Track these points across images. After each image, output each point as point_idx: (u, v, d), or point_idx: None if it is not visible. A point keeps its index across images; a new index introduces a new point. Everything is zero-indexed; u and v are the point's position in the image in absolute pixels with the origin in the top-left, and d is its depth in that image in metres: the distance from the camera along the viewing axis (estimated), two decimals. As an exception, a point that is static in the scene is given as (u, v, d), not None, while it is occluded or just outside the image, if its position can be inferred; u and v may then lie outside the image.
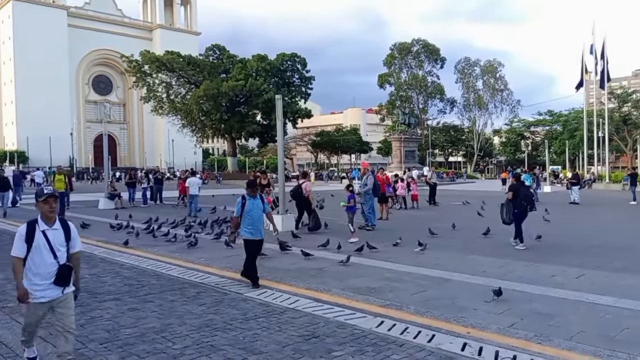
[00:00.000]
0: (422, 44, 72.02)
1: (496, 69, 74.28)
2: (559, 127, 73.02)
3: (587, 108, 47.04)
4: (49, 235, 3.89)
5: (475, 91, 75.25)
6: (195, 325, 5.43)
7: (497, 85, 74.56)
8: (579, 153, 57.76)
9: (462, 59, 75.90)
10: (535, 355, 4.56)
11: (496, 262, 8.88)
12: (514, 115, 77.89)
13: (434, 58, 72.59)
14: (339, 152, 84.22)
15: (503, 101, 75.31)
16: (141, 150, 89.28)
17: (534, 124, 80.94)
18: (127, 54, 58.93)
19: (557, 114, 75.12)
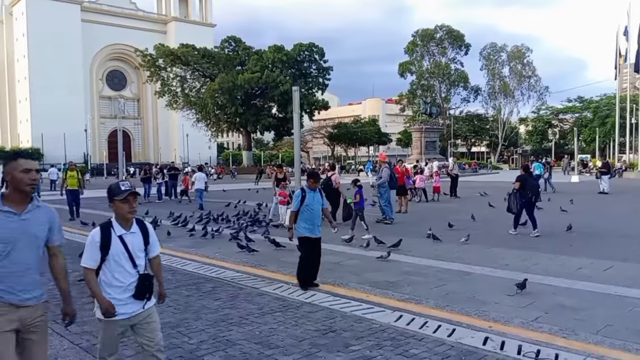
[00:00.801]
0: (445, 30, 70.00)
1: (524, 55, 71.59)
2: (589, 114, 70.91)
3: (620, 93, 45.72)
4: (127, 241, 3.34)
5: (501, 78, 72.64)
6: (211, 320, 5.37)
7: (524, 72, 71.83)
8: (609, 141, 56.35)
9: (487, 44, 73.17)
10: (560, 350, 4.40)
11: (519, 255, 8.66)
12: (541, 102, 74.99)
13: (458, 44, 70.32)
14: (356, 144, 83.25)
15: (530, 88, 72.57)
16: (156, 146, 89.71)
17: (563, 112, 78.37)
18: (141, 48, 58.98)
19: (587, 101, 72.79)
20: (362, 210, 11.28)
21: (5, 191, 2.90)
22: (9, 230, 2.83)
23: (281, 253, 9.17)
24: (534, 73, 71.96)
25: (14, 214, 2.86)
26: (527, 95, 72.88)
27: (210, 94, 53.16)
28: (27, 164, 2.89)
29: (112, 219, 3.38)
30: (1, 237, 2.82)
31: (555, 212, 14.66)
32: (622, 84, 46.52)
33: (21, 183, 2.87)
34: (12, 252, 2.87)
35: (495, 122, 76.24)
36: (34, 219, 2.95)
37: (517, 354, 4.36)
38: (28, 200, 2.94)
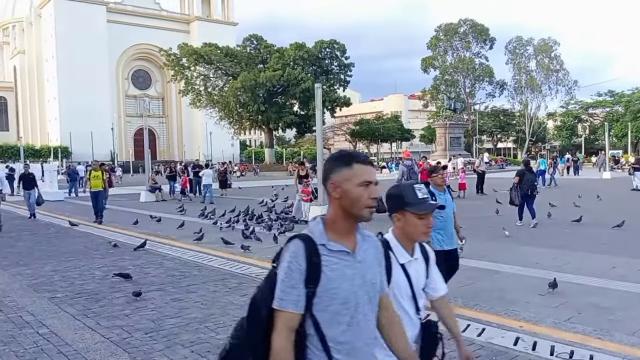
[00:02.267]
0: (469, 24, 68.87)
1: (551, 48, 69.90)
2: (621, 109, 68.94)
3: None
4: (411, 273, 2.31)
5: (528, 72, 71.13)
6: (238, 316, 5.29)
7: (552, 66, 70.14)
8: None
9: (513, 38, 71.64)
10: (594, 351, 4.28)
11: (550, 253, 8.48)
12: (570, 97, 73.06)
13: (482, 38, 69.14)
14: (378, 140, 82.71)
15: (558, 82, 70.87)
16: (180, 144, 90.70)
17: (593, 106, 76.13)
18: (165, 48, 59.72)
19: (618, 94, 70.72)
20: None
21: (326, 214, 1.84)
22: (349, 283, 1.74)
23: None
24: (561, 67, 70.22)
25: (347, 255, 1.76)
26: (555, 89, 71.23)
27: (232, 92, 53.52)
28: (365, 172, 1.78)
29: (391, 236, 2.34)
30: (341, 294, 1.72)
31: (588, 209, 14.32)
32: (655, 77, 45.01)
33: (358, 204, 1.75)
34: (356, 318, 1.76)
35: (522, 117, 74.70)
36: (368, 258, 1.82)
37: (550, 354, 4.25)
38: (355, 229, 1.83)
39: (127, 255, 9.03)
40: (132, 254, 9.05)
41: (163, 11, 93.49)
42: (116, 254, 9.12)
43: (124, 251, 9.42)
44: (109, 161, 58.44)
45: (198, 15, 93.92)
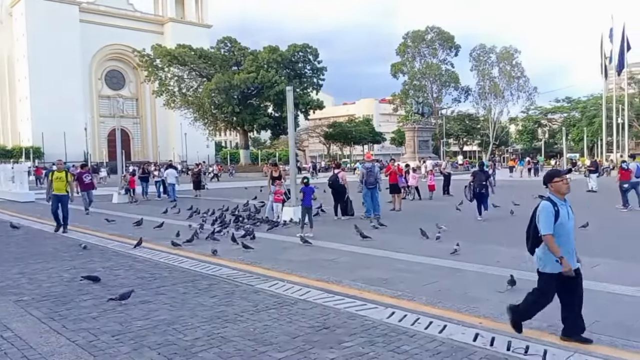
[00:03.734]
0: (436, 31, 70.82)
1: (512, 56, 72.43)
2: (577, 114, 71.61)
3: (607, 94, 46.14)
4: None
5: (491, 79, 73.60)
6: (207, 317, 5.45)
7: (513, 73, 72.71)
8: (597, 140, 56.75)
9: (477, 46, 74.11)
10: (548, 346, 4.49)
11: (510, 252, 8.75)
12: (530, 102, 75.91)
13: (448, 46, 71.28)
14: (351, 143, 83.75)
15: (519, 88, 73.39)
16: (154, 144, 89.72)
17: (551, 111, 79.31)
18: (138, 49, 59.13)
19: (575, 101, 73.55)
20: (307, 208, 11.24)
21: None
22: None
23: (277, 250, 9.25)
24: (522, 74, 72.82)
25: None
26: (517, 95, 73.83)
27: (207, 93, 53.39)
28: None
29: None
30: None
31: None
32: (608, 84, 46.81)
33: None
34: None
35: (486, 121, 76.98)
36: None
37: (506, 350, 4.44)
38: None
39: (97, 257, 8.97)
40: (102, 256, 9.00)
41: (137, 12, 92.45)
42: (86, 256, 9.04)
43: (94, 253, 9.34)
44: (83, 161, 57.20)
45: (172, 16, 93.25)
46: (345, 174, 15.03)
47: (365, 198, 14.23)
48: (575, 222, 5.04)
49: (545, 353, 4.34)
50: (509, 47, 72.55)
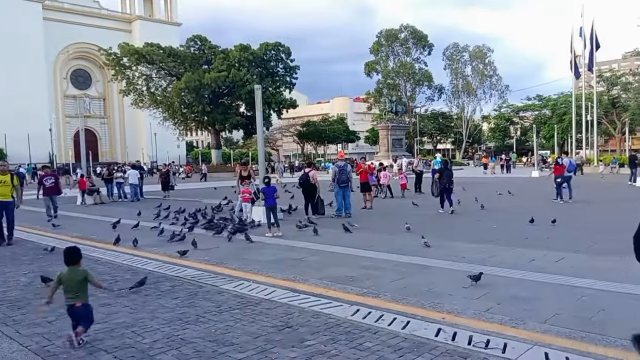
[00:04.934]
0: (409, 30, 71.36)
1: (485, 55, 73.83)
2: (548, 112, 73.25)
3: (576, 92, 47.34)
4: None
5: (464, 77, 74.80)
6: (167, 319, 5.32)
7: (486, 71, 74.11)
8: (567, 137, 58.16)
9: (450, 45, 75.24)
10: (508, 339, 4.52)
11: (477, 248, 8.87)
12: (502, 100, 77.61)
13: (421, 45, 71.90)
14: (325, 142, 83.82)
15: (492, 87, 75.01)
16: (123, 145, 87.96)
17: (523, 109, 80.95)
18: (105, 47, 57.91)
19: (546, 99, 75.24)
20: (271, 208, 11.18)
21: None
22: None
23: (243, 251, 9.14)
24: (495, 72, 74.44)
25: None
26: (489, 93, 75.63)
27: (176, 92, 52.69)
28: None
29: None
30: None
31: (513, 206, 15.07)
32: (578, 82, 48.09)
33: None
34: None
35: (459, 119, 78.23)
36: None
37: (467, 344, 4.45)
38: None
39: (57, 260, 8.66)
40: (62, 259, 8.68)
41: (103, 10, 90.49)
42: (45, 260, 8.76)
43: (53, 257, 9.03)
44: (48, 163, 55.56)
45: (140, 14, 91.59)
46: (317, 172, 14.98)
47: (336, 197, 14.25)
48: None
49: (505, 346, 4.37)
50: (481, 46, 74.09)
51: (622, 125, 56.06)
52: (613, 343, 4.38)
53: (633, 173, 24.82)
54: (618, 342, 4.38)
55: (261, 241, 10.13)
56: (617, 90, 57.67)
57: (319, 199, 14.13)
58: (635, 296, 5.76)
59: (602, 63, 53.21)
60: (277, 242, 10.00)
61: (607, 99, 56.29)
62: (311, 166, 15.73)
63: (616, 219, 12.69)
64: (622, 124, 56.28)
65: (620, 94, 57.08)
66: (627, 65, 79.32)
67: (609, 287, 6.13)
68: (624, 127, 55.01)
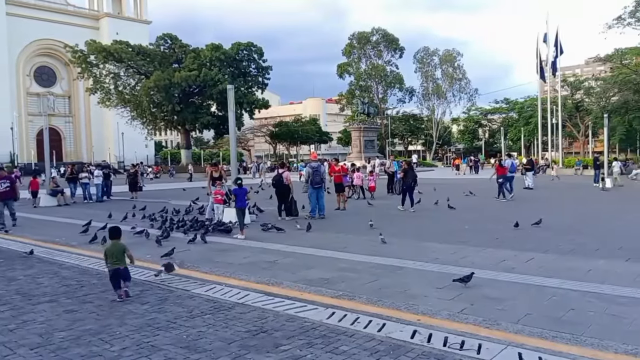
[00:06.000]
0: (381, 33, 72.17)
1: (455, 58, 75.26)
2: (515, 115, 75.09)
3: (541, 96, 48.56)
4: None
5: (434, 80, 76.09)
6: (136, 325, 5.15)
7: (455, 75, 75.56)
8: (533, 139, 59.58)
9: (421, 48, 76.43)
10: (483, 340, 4.55)
11: (449, 249, 8.94)
12: (471, 103, 79.34)
13: (393, 47, 72.85)
14: (298, 142, 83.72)
15: (461, 90, 76.53)
16: (89, 145, 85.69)
17: (491, 112, 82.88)
18: (71, 44, 56.44)
19: (513, 102, 77.12)
20: (240, 209, 11.09)
21: None
22: None
23: (214, 253, 8.98)
24: (464, 76, 75.99)
25: None
26: (458, 96, 77.23)
27: (145, 91, 51.79)
28: None
29: None
30: None
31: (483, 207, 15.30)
32: (543, 86, 49.38)
33: None
34: None
35: (430, 121, 79.45)
36: None
37: (443, 345, 4.46)
38: None
39: (19, 264, 8.36)
40: (24, 263, 8.40)
41: (70, 6, 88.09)
42: (6, 264, 8.40)
43: (15, 261, 8.70)
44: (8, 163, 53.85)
45: (108, 11, 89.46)
46: (290, 173, 14.86)
47: (310, 198, 14.16)
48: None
49: (479, 347, 4.39)
50: (451, 50, 75.56)
51: (586, 128, 57.78)
52: (584, 342, 4.46)
53: (596, 174, 25.56)
54: (588, 342, 4.46)
55: (233, 243, 9.99)
56: (581, 94, 59.39)
57: (292, 200, 14.03)
58: (600, 295, 5.89)
59: (566, 68, 54.72)
60: (249, 244, 9.87)
61: (571, 103, 57.92)
62: (284, 167, 15.58)
63: (580, 218, 13.03)
64: (585, 127, 57.99)
65: (584, 98, 58.78)
66: (589, 70, 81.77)
67: (577, 286, 6.25)
68: (587, 130, 56.70)
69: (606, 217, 13.61)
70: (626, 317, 5.12)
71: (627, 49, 45.69)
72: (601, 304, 5.54)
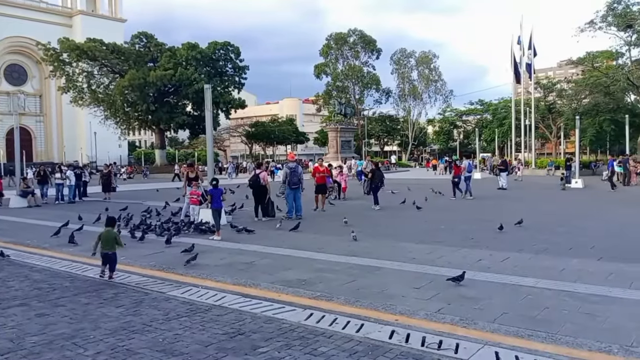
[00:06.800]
0: (358, 34, 72.57)
1: (431, 60, 76.12)
2: (489, 116, 76.25)
3: (515, 97, 49.46)
4: None
5: (410, 82, 76.88)
6: (111, 329, 5.04)
7: (431, 76, 76.45)
8: (507, 141, 60.54)
9: (397, 50, 77.12)
10: (460, 339, 4.58)
11: (426, 248, 9.01)
12: (447, 105, 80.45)
13: (370, 49, 73.29)
14: (274, 143, 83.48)
15: (437, 91, 77.46)
16: (60, 144, 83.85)
17: (466, 113, 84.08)
18: (43, 42, 55.10)
19: (487, 103, 78.32)
20: (217, 210, 11.03)
21: None
22: None
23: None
24: (440, 77, 76.96)
25: None
26: (434, 98, 78.16)
27: (119, 90, 50.91)
28: None
29: None
30: None
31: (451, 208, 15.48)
32: (517, 88, 50.29)
33: None
34: None
35: (406, 122, 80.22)
36: None
37: (421, 345, 4.47)
38: None
39: None
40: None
41: (42, 3, 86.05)
42: (-26, 268, 8.14)
43: (-16, 264, 8.45)
44: None
45: (82, 9, 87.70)
46: (266, 174, 14.77)
47: (287, 198, 14.11)
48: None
49: (457, 347, 4.43)
50: (427, 52, 76.45)
51: (558, 129, 58.93)
52: (558, 341, 4.53)
53: (567, 175, 26.12)
54: (563, 340, 4.54)
55: (209, 245, 9.87)
56: (553, 96, 60.63)
57: (269, 201, 13.95)
58: (574, 294, 6.01)
59: (539, 70, 55.88)
60: (225, 245, 9.77)
61: (543, 105, 59.08)
62: (261, 167, 15.46)
63: (553, 218, 13.28)
64: (557, 129, 59.16)
65: (556, 100, 60.01)
66: (562, 73, 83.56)
67: (552, 285, 6.37)
68: (559, 131, 57.83)
69: (578, 216, 13.91)
70: (599, 315, 5.23)
71: (598, 53, 46.87)
72: (575, 303, 5.65)
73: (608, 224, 12.35)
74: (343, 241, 9.93)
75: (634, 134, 43.14)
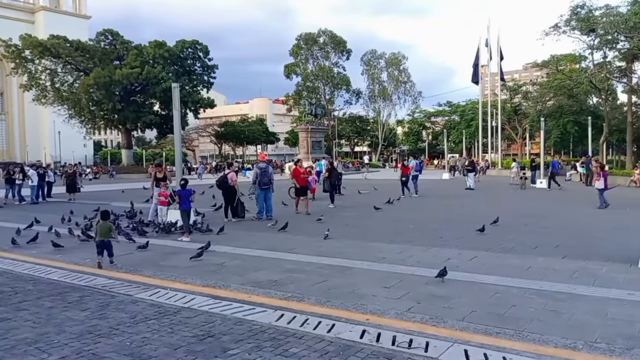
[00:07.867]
0: (328, 35, 72.74)
1: (400, 62, 76.97)
2: (457, 117, 77.57)
3: (482, 99, 50.45)
4: None
5: (380, 83, 77.57)
6: (76, 333, 4.90)
7: (400, 77, 77.31)
8: (474, 142, 61.70)
9: (368, 51, 77.67)
10: (430, 338, 4.64)
11: (396, 248, 9.09)
12: (415, 106, 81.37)
13: (340, 49, 73.51)
14: (244, 143, 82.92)
15: (406, 92, 78.31)
16: (22, 143, 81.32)
17: (434, 115, 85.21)
18: (4, 38, 53.30)
19: (455, 105, 79.67)
20: (185, 211, 10.89)
21: None
22: None
23: (159, 257, 8.70)
24: (409, 79, 77.87)
25: None
26: (403, 99, 78.99)
27: (84, 88, 49.61)
28: None
29: None
30: None
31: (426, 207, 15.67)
32: (483, 90, 51.33)
33: None
34: None
35: (376, 123, 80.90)
36: None
37: (391, 344, 4.50)
38: None
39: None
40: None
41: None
42: None
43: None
44: None
45: (44, 5, 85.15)
46: (235, 174, 14.59)
47: (257, 199, 14.02)
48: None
49: (427, 345, 4.47)
50: (397, 53, 77.23)
51: (523, 131, 60.42)
52: (526, 338, 4.63)
53: (532, 175, 26.78)
54: (530, 337, 4.64)
55: (178, 246, 9.73)
56: (519, 98, 62.13)
57: (238, 202, 13.83)
58: (540, 291, 6.16)
59: (505, 73, 57.08)
60: (195, 246, 9.58)
61: (509, 107, 60.48)
62: (231, 167, 15.27)
63: (519, 217, 13.60)
64: (523, 130, 60.65)
65: (522, 102, 61.51)
66: (527, 75, 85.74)
67: (518, 283, 6.51)
68: (525, 132, 59.28)
69: (543, 216, 14.26)
70: (565, 312, 5.37)
71: (562, 56, 48.17)
72: (541, 300, 5.79)
73: (570, 222, 12.70)
74: (314, 241, 9.93)
75: (596, 136, 44.52)
